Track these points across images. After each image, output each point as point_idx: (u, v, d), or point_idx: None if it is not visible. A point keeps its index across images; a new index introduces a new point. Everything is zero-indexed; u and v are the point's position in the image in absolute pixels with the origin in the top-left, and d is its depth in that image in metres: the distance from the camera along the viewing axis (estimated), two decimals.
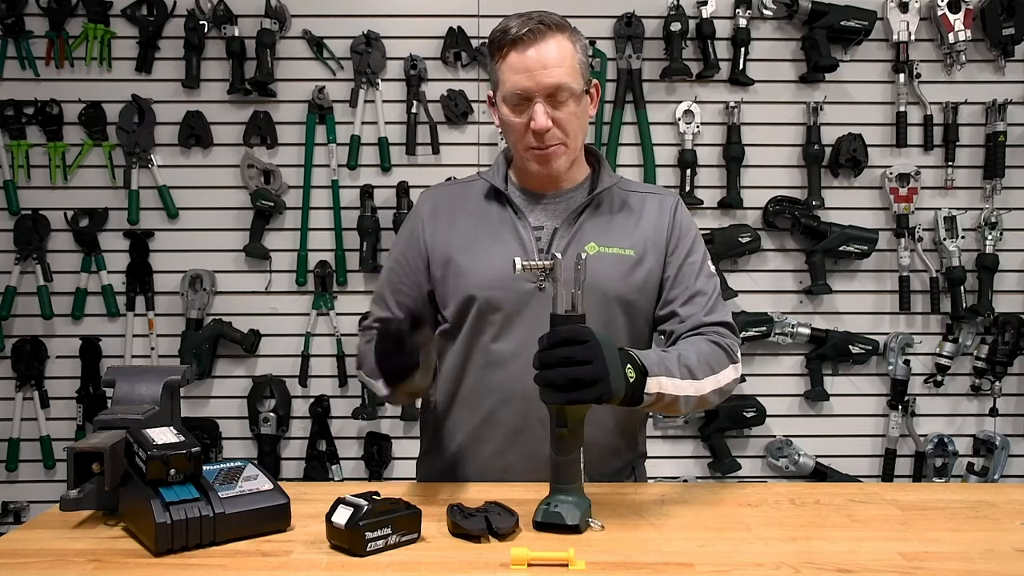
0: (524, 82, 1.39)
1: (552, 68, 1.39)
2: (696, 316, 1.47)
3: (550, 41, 1.39)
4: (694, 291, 1.49)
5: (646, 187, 1.62)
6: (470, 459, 1.53)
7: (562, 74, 1.39)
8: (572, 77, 1.41)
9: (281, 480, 1.23)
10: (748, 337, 2.81)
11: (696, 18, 2.78)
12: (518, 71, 1.40)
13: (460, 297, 1.49)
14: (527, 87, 1.39)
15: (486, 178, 1.55)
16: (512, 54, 1.40)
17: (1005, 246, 2.86)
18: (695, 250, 1.54)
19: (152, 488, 1.08)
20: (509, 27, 1.41)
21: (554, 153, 1.45)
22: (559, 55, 1.40)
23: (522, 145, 1.46)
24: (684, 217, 1.56)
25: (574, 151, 1.49)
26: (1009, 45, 2.82)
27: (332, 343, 2.86)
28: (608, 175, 1.55)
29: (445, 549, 1.11)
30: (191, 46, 2.77)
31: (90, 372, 2.82)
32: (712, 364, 1.39)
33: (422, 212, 1.57)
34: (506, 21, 1.42)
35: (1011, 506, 1.33)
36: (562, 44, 1.41)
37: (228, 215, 2.84)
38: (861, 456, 2.92)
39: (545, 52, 1.39)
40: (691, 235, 1.55)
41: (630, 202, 1.54)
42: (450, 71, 2.83)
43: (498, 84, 1.45)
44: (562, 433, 1.17)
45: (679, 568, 1.05)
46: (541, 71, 1.39)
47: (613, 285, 1.46)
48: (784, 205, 2.83)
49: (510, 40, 1.40)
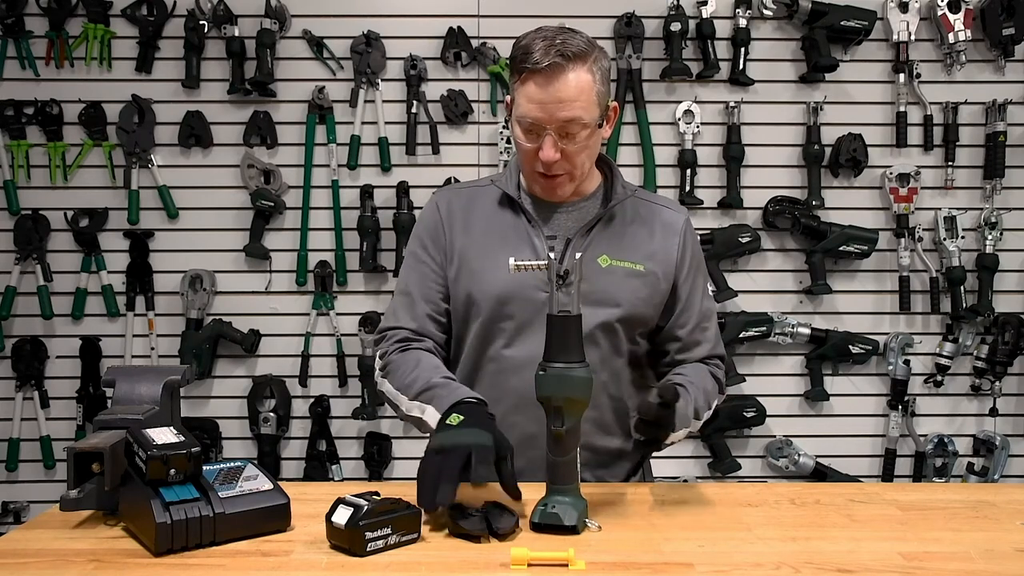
0: (537, 112, 1.38)
1: (567, 103, 1.37)
2: (703, 347, 1.57)
3: (569, 75, 1.37)
4: (699, 319, 1.56)
5: (658, 199, 1.64)
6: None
7: (577, 108, 1.38)
8: (586, 110, 1.39)
9: (281, 480, 1.23)
10: (748, 337, 2.81)
11: (696, 18, 2.78)
12: (533, 100, 1.38)
13: (471, 302, 1.49)
14: (539, 118, 1.39)
15: (499, 185, 1.55)
16: (530, 83, 1.38)
17: (1005, 246, 2.86)
18: (699, 274, 1.59)
19: (152, 488, 1.08)
20: (532, 51, 1.37)
21: (559, 183, 1.46)
22: (576, 89, 1.37)
23: (529, 167, 1.47)
24: (693, 238, 1.60)
25: (580, 178, 1.49)
26: (1009, 45, 2.82)
27: (332, 343, 2.86)
28: (622, 185, 1.55)
29: (445, 549, 1.11)
30: (191, 46, 2.77)
31: (90, 372, 2.82)
32: (711, 402, 1.51)
33: (439, 212, 1.56)
34: (530, 40, 1.39)
35: (1011, 506, 1.33)
36: (581, 78, 1.38)
37: (228, 215, 2.84)
38: (861, 456, 2.92)
39: (562, 87, 1.37)
40: (698, 258, 1.59)
41: (643, 214, 1.55)
42: (450, 71, 2.83)
43: (513, 100, 1.44)
44: (559, 432, 1.17)
45: (679, 568, 1.05)
46: (555, 104, 1.37)
47: (622, 298, 1.47)
48: (784, 205, 2.83)
49: (529, 69, 1.38)
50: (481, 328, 1.49)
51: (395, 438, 2.86)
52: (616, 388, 1.52)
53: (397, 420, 2.87)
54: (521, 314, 1.47)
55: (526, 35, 1.42)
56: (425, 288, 1.53)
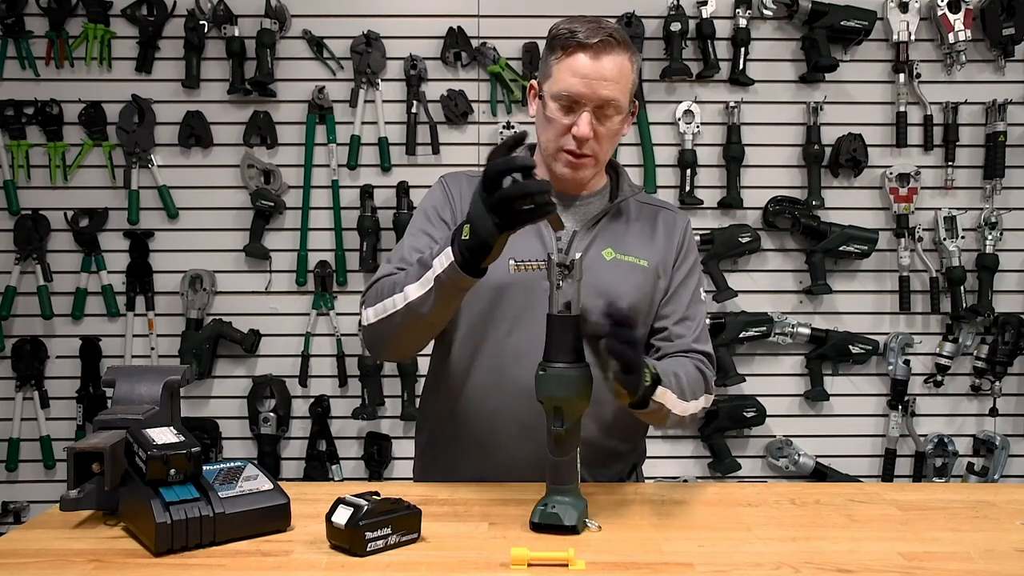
0: (580, 87, 1.41)
1: (610, 82, 1.41)
2: (685, 340, 1.52)
3: (616, 55, 1.42)
4: (685, 314, 1.54)
5: (661, 202, 1.67)
6: (477, 453, 1.51)
7: (617, 91, 1.42)
8: (623, 95, 1.44)
9: (281, 480, 1.23)
10: (748, 337, 2.81)
11: (696, 18, 2.78)
12: (577, 75, 1.41)
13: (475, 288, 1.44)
14: (581, 93, 1.41)
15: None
16: (578, 56, 1.41)
17: (1005, 246, 2.86)
18: (693, 273, 1.59)
19: (152, 488, 1.08)
20: (577, 31, 1.41)
21: (584, 163, 1.47)
22: (619, 72, 1.42)
23: (556, 145, 1.47)
24: (692, 240, 1.61)
25: (602, 165, 1.52)
26: (1009, 45, 2.82)
27: (332, 343, 2.86)
28: (628, 185, 1.58)
29: (445, 549, 1.11)
30: (191, 46, 2.77)
31: (90, 372, 2.82)
32: (695, 391, 1.44)
33: (448, 190, 1.54)
34: (571, 24, 1.43)
35: (1011, 506, 1.33)
36: (623, 63, 1.43)
37: (228, 215, 2.84)
38: (861, 456, 2.92)
39: (608, 65, 1.41)
40: (692, 258, 1.59)
41: (646, 214, 1.58)
42: (450, 71, 2.83)
43: (549, 78, 1.46)
44: (559, 433, 1.17)
45: (679, 568, 1.05)
46: (600, 82, 1.41)
47: (625, 291, 1.48)
48: (784, 205, 2.83)
49: (578, 43, 1.41)
50: (480, 317, 1.48)
51: (395, 438, 2.86)
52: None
53: (397, 420, 2.86)
54: (520, 301, 1.46)
55: (564, 20, 1.45)
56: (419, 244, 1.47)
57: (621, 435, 1.54)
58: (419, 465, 1.67)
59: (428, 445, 1.63)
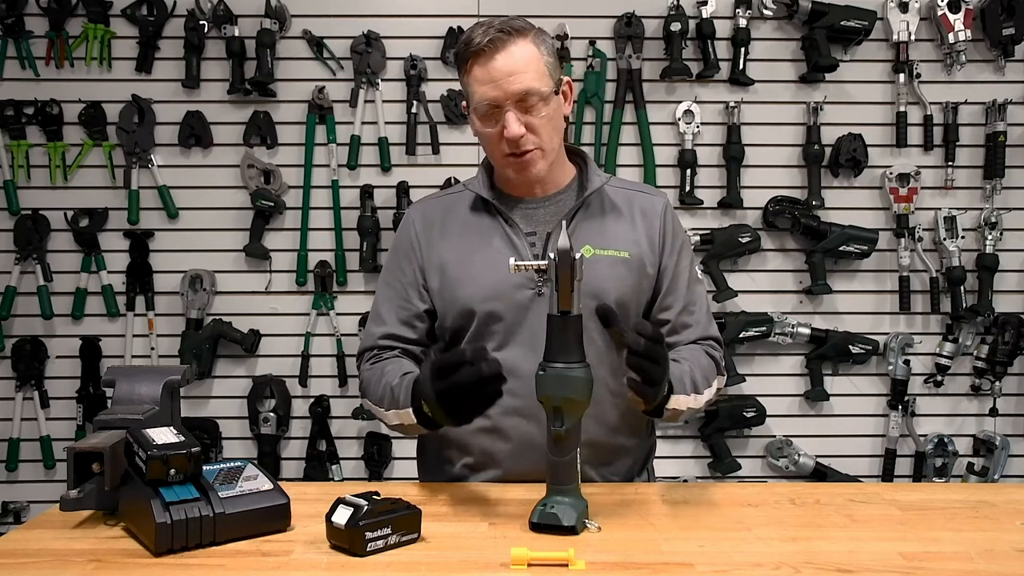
0: (491, 92, 1.41)
1: (517, 75, 1.40)
2: (693, 331, 1.54)
3: (512, 48, 1.40)
4: (687, 300, 1.54)
5: (636, 185, 1.63)
6: (479, 468, 1.51)
7: (529, 79, 1.41)
8: (540, 80, 1.42)
9: (281, 480, 1.23)
10: (748, 337, 2.81)
11: (696, 18, 2.78)
12: (484, 82, 1.41)
13: (459, 310, 1.47)
14: (495, 96, 1.41)
15: (471, 188, 1.55)
16: (476, 66, 1.42)
17: (1005, 246, 2.86)
18: (684, 255, 1.57)
19: (152, 488, 1.08)
20: (472, 38, 1.42)
21: (531, 159, 1.46)
22: (524, 60, 1.41)
23: (498, 153, 1.47)
24: (675, 221, 1.58)
25: (551, 153, 1.49)
26: (1009, 45, 2.81)
27: (332, 343, 2.86)
28: (596, 175, 1.55)
29: (445, 549, 1.11)
30: (191, 46, 2.77)
31: (90, 372, 2.82)
32: (709, 378, 1.47)
33: (414, 227, 1.57)
34: (470, 32, 1.43)
35: (1011, 506, 1.33)
36: (525, 49, 1.42)
37: (228, 215, 2.84)
38: (861, 456, 2.92)
39: (509, 60, 1.40)
40: (680, 239, 1.57)
41: (620, 202, 1.55)
42: (450, 71, 2.83)
43: (469, 96, 1.46)
44: (559, 433, 1.17)
45: (679, 568, 1.05)
46: (507, 79, 1.40)
47: (609, 287, 1.46)
48: (784, 205, 2.83)
49: (473, 52, 1.41)
50: (473, 336, 1.46)
51: (395, 438, 2.86)
52: (616, 383, 1.48)
53: None
54: (509, 314, 1.46)
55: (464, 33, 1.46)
56: (395, 306, 1.55)
57: (626, 432, 1.54)
58: (421, 464, 1.67)
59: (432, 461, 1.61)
